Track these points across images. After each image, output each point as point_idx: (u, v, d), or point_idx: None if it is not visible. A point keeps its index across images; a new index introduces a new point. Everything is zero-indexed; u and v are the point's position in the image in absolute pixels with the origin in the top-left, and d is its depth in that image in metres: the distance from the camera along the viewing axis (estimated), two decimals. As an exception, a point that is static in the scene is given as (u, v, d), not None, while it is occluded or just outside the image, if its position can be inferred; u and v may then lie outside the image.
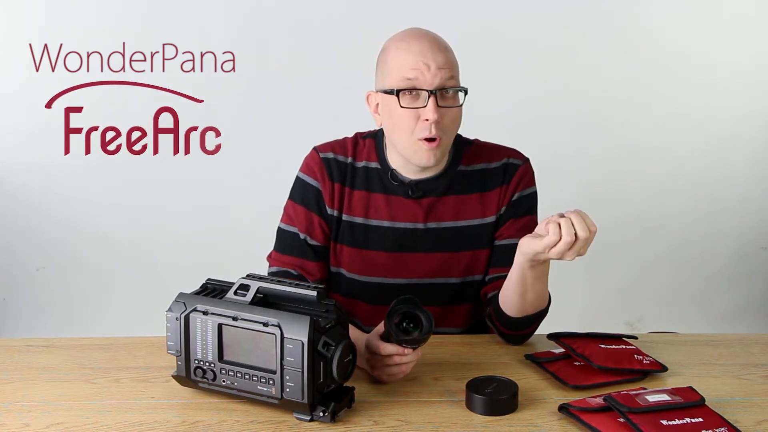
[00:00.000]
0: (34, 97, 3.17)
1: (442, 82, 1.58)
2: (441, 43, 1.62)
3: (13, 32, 3.13)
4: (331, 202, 1.71)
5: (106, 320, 3.23)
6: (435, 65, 1.58)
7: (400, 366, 1.42)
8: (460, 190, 1.72)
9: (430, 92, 1.57)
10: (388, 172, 1.71)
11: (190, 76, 3.18)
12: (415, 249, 1.71)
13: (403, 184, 1.70)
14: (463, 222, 1.72)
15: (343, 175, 1.72)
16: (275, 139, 3.18)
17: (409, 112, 1.59)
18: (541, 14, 3.21)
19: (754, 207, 3.43)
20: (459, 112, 1.63)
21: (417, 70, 1.57)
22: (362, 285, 1.73)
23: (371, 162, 1.73)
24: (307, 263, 1.72)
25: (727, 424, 1.29)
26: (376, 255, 1.71)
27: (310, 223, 1.72)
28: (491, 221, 1.73)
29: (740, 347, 1.67)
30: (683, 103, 3.32)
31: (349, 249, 1.72)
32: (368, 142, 1.75)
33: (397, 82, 1.59)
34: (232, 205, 3.27)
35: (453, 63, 1.62)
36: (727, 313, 3.46)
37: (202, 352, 1.36)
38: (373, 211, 1.71)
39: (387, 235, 1.71)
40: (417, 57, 1.58)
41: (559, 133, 3.30)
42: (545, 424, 1.34)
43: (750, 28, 3.28)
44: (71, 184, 3.23)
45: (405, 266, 1.72)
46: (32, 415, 1.36)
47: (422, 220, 1.71)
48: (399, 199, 1.71)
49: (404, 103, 1.59)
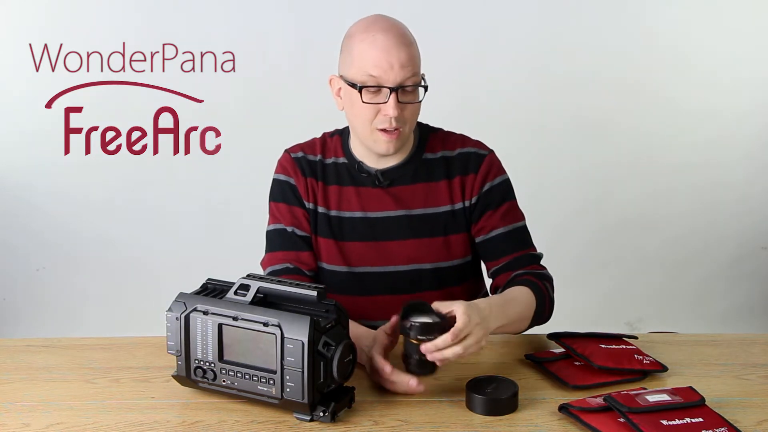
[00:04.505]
0: (34, 97, 3.17)
1: (403, 79, 1.61)
2: (405, 37, 1.63)
3: (13, 32, 3.13)
4: (306, 195, 1.76)
5: (106, 320, 3.23)
6: (398, 63, 1.60)
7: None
8: (426, 177, 1.75)
9: (391, 89, 1.60)
10: (355, 164, 1.75)
11: (190, 76, 3.18)
12: (388, 237, 1.74)
13: (370, 174, 1.75)
14: (433, 209, 1.74)
15: (314, 171, 1.77)
16: (275, 139, 3.16)
17: (370, 105, 1.62)
18: (541, 13, 3.21)
19: (754, 206, 3.43)
20: (418, 105, 1.66)
21: (380, 68, 1.60)
22: (341, 276, 1.75)
23: (339, 158, 1.78)
24: (301, 254, 1.75)
25: (727, 424, 1.29)
26: (353, 245, 1.74)
27: (294, 216, 1.76)
28: (460, 207, 1.75)
29: (740, 347, 1.67)
30: (683, 102, 3.32)
31: (326, 241, 1.75)
32: (335, 139, 1.80)
33: (360, 76, 1.62)
34: (232, 205, 3.27)
35: (415, 59, 1.64)
36: (727, 313, 3.46)
37: (203, 352, 1.36)
38: (346, 204, 1.75)
39: (360, 226, 1.74)
40: (381, 54, 1.60)
41: (559, 132, 3.30)
42: (545, 424, 1.34)
43: (751, 25, 3.28)
44: (71, 184, 3.23)
45: (381, 255, 1.74)
46: (32, 415, 1.36)
47: (392, 208, 1.74)
48: (368, 189, 1.75)
49: (366, 99, 1.62)
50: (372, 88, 1.61)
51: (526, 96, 3.25)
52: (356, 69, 1.62)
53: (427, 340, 1.35)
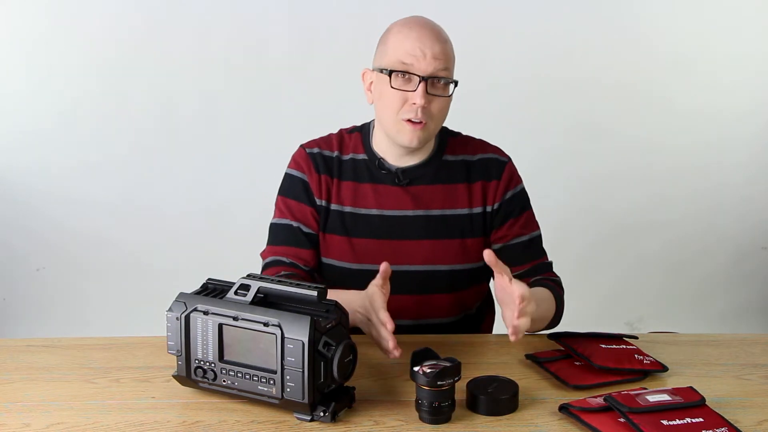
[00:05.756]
0: (34, 97, 3.17)
1: (434, 70, 1.62)
2: (441, 34, 1.66)
3: (14, 32, 3.13)
4: (318, 192, 1.76)
5: (106, 320, 3.23)
6: (431, 53, 1.62)
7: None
8: (446, 179, 1.76)
9: (421, 78, 1.62)
10: (376, 161, 1.76)
11: (190, 76, 3.18)
12: (404, 236, 1.74)
13: (390, 172, 1.75)
14: (451, 211, 1.75)
15: (329, 168, 1.77)
16: (275, 139, 3.17)
17: (398, 92, 1.64)
18: (539, 17, 3.21)
19: (754, 207, 3.43)
20: (447, 102, 1.67)
21: (413, 56, 1.62)
22: (352, 273, 1.75)
23: (358, 154, 1.78)
24: (301, 251, 1.75)
25: (727, 424, 1.29)
26: (366, 243, 1.74)
27: (302, 213, 1.76)
28: (479, 212, 1.76)
29: (741, 347, 1.67)
30: (683, 102, 3.32)
31: (339, 238, 1.75)
32: (354, 136, 1.81)
33: (392, 64, 1.64)
34: (232, 205, 3.28)
35: (449, 55, 1.66)
36: (727, 313, 3.46)
37: (203, 352, 1.36)
38: (361, 200, 1.75)
39: (375, 223, 1.74)
40: (415, 43, 1.62)
41: (558, 132, 3.30)
42: (545, 424, 1.34)
43: (751, 25, 3.29)
44: (71, 184, 3.23)
45: (394, 253, 1.74)
46: (33, 415, 1.36)
47: (410, 207, 1.74)
48: (386, 187, 1.75)
49: (395, 84, 1.64)
50: (402, 74, 1.63)
51: (526, 98, 3.25)
52: (390, 57, 1.65)
53: (439, 387, 1.31)
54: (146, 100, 3.19)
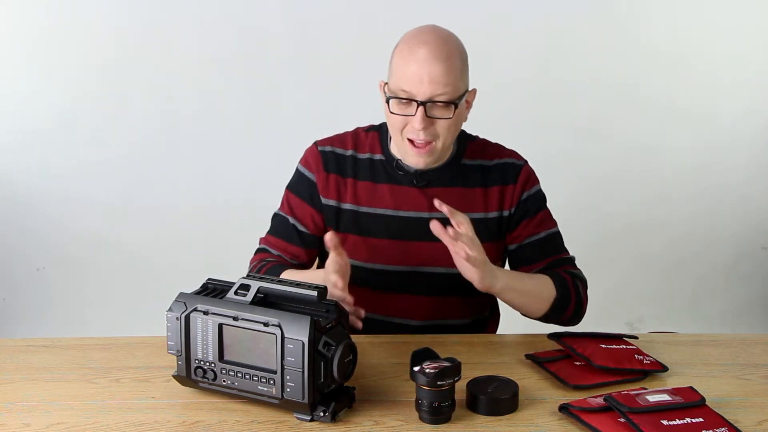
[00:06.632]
0: (34, 97, 3.17)
1: (432, 94, 1.60)
2: (444, 50, 1.62)
3: (13, 32, 3.13)
4: (326, 191, 1.76)
5: (106, 320, 3.23)
6: (428, 78, 1.59)
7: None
8: (463, 182, 1.76)
9: (419, 103, 1.60)
10: (393, 162, 1.75)
11: (189, 76, 3.18)
12: (419, 238, 1.73)
13: (408, 173, 1.75)
14: (468, 214, 1.73)
15: (341, 166, 1.77)
16: (275, 138, 3.18)
17: (399, 116, 1.64)
18: (539, 18, 3.21)
19: (754, 207, 3.43)
20: (454, 118, 1.64)
21: (411, 83, 1.60)
22: (366, 271, 1.75)
23: (375, 154, 1.78)
24: (291, 247, 1.78)
25: (727, 424, 1.29)
26: (380, 242, 1.75)
27: (302, 212, 1.78)
28: (494, 216, 1.77)
29: (741, 347, 1.67)
30: (683, 102, 3.32)
31: (354, 237, 1.76)
32: (371, 135, 1.80)
33: (392, 90, 1.64)
34: (232, 205, 3.27)
35: (451, 74, 1.61)
36: (727, 313, 3.46)
37: (203, 352, 1.36)
38: (378, 201, 1.75)
39: (391, 223, 1.75)
40: (414, 68, 1.60)
41: (558, 132, 3.30)
42: (545, 424, 1.34)
43: (751, 25, 3.28)
44: (71, 184, 3.23)
45: (408, 254, 1.74)
46: (33, 415, 1.36)
47: (427, 209, 1.74)
48: (404, 188, 1.75)
49: (395, 110, 1.64)
50: (400, 99, 1.62)
51: (526, 99, 3.25)
52: (393, 81, 1.65)
53: (439, 387, 1.31)
54: (146, 100, 3.18)
